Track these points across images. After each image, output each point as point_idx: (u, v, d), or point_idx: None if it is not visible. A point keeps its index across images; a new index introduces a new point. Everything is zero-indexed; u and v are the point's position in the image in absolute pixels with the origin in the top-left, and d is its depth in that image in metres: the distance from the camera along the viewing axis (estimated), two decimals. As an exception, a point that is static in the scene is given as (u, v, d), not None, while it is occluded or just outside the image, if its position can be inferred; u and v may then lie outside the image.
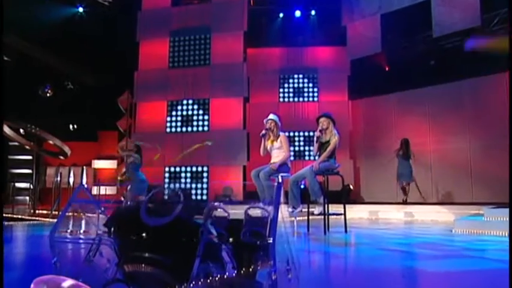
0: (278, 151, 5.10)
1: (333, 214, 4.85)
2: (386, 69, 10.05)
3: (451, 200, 8.31)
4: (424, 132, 9.22)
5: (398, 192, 8.27)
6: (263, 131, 5.07)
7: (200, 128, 9.50)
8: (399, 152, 7.85)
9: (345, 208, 4.71)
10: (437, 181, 8.90)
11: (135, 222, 1.19)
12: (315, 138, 4.79)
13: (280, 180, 5.09)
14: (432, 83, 9.04)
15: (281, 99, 10.37)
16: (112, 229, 1.33)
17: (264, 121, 5.16)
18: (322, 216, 4.52)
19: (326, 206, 4.82)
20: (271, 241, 1.13)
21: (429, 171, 9.01)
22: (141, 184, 6.41)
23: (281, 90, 10.40)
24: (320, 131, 4.72)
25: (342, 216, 4.69)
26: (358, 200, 9.53)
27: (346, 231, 4.57)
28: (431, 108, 9.20)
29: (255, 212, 1.23)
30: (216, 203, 1.22)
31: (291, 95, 10.36)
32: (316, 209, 4.69)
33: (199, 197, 9.20)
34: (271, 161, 5.18)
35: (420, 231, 5.10)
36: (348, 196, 9.02)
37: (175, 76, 9.67)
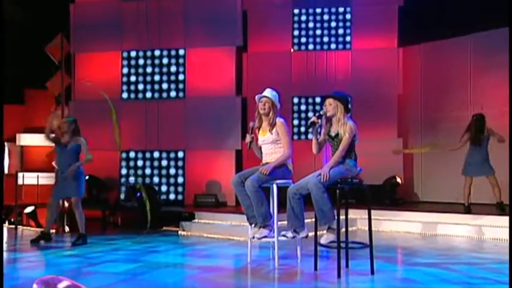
0: (273, 146, 4.95)
1: (352, 247, 4.59)
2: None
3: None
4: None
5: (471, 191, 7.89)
6: (251, 123, 5.06)
7: (173, 94, 9.13)
8: (466, 136, 7.45)
9: (370, 233, 4.34)
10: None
11: None
12: (311, 124, 4.54)
13: (275, 190, 4.64)
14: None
15: (295, 47, 9.91)
16: None
17: (256, 98, 4.94)
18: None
19: (344, 232, 4.56)
20: None
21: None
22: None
23: (295, 32, 9.91)
24: (319, 116, 4.46)
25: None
26: (408, 200, 9.26)
27: (372, 271, 4.33)
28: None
29: None
30: None
31: (311, 40, 9.90)
32: (324, 237, 4.44)
33: (171, 197, 8.95)
34: (263, 161, 5.01)
35: (493, 269, 4.63)
36: (393, 194, 8.81)
37: (133, 13, 9.20)
